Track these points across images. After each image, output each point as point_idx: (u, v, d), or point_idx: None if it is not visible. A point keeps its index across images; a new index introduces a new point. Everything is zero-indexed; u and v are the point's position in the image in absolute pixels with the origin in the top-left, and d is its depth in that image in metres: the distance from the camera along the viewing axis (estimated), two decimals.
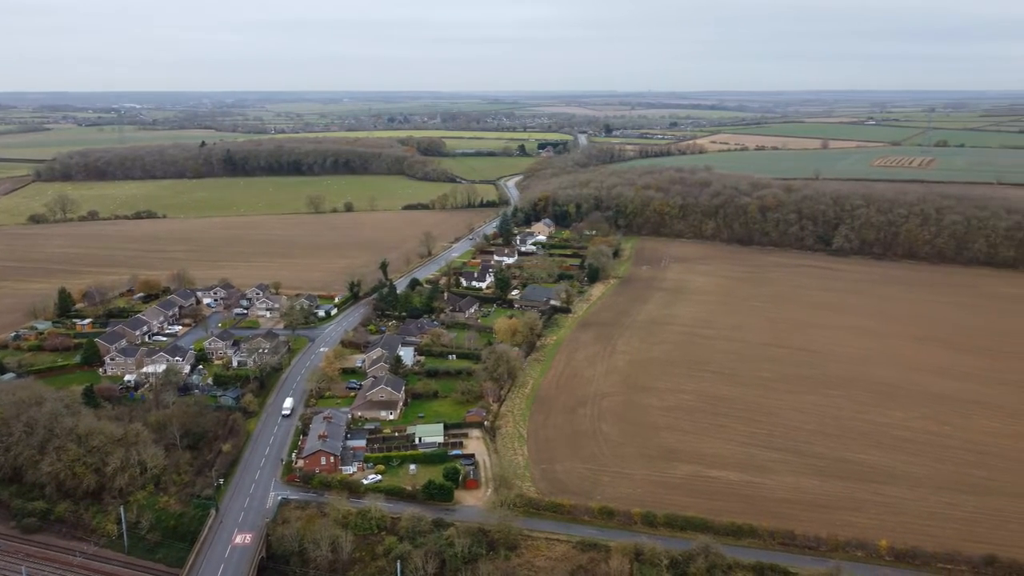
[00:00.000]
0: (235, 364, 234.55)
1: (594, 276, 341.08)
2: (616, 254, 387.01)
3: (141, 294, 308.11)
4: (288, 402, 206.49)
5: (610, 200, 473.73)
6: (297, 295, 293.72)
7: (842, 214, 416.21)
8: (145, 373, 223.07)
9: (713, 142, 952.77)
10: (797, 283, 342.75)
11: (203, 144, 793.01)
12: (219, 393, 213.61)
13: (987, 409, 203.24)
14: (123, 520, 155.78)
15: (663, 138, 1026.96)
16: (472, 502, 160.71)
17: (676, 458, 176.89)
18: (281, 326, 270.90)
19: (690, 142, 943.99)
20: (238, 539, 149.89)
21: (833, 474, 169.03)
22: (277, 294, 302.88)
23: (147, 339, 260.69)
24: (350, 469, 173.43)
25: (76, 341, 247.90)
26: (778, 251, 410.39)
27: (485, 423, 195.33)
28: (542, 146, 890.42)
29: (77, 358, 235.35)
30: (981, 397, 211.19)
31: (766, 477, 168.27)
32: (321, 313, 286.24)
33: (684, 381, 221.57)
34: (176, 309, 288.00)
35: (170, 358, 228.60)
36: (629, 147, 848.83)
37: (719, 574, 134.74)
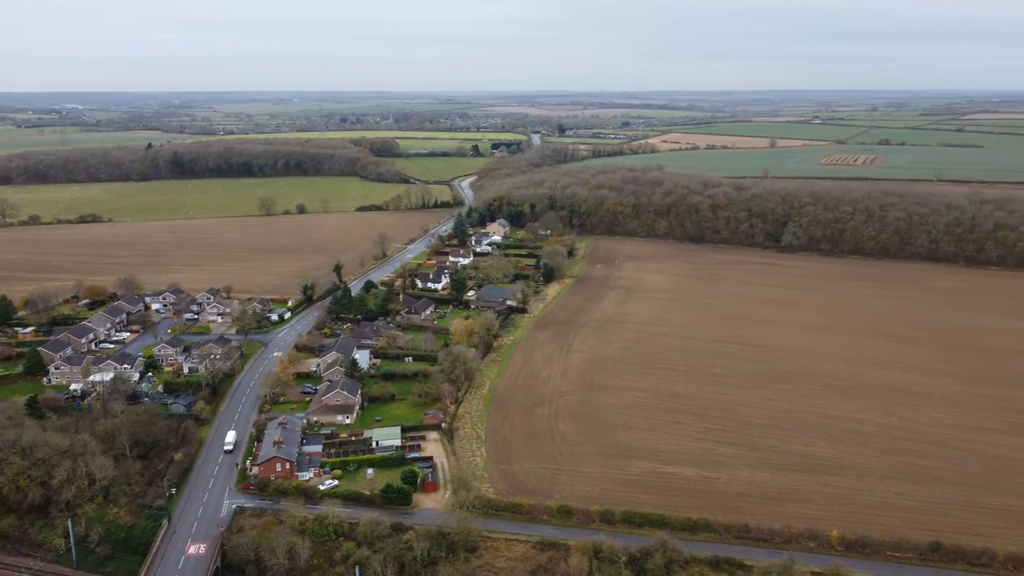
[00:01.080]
0: (186, 371, 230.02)
1: (549, 276, 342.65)
2: (571, 253, 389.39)
3: (87, 300, 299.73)
4: (230, 436, 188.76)
5: (564, 200, 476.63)
6: (249, 299, 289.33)
7: (790, 212, 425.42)
8: (92, 382, 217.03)
9: (664, 141, 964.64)
10: (748, 280, 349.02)
11: (149, 146, 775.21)
12: (170, 401, 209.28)
13: (931, 400, 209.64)
14: (71, 534, 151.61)
15: (616, 138, 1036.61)
16: (431, 505, 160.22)
17: (633, 455, 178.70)
18: (233, 331, 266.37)
19: (642, 141, 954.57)
20: (192, 549, 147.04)
21: (785, 467, 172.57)
22: (229, 298, 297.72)
23: (93, 347, 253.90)
24: (306, 475, 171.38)
25: (18, 350, 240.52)
26: (729, 249, 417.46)
27: (443, 425, 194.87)
28: (496, 146, 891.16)
29: (20, 368, 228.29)
30: (925, 389, 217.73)
31: (721, 472, 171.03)
32: (274, 317, 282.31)
33: (639, 379, 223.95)
34: (124, 315, 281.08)
35: (118, 366, 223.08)
36: (582, 147, 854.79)
37: (677, 569, 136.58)
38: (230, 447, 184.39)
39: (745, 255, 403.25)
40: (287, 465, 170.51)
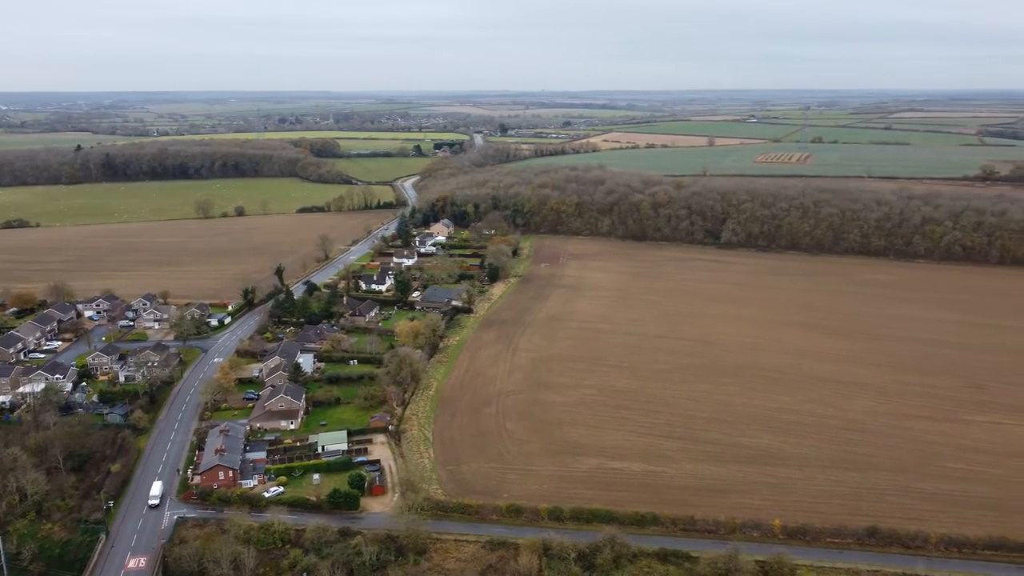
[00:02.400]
0: (122, 379, 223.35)
1: (494, 275, 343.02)
2: (515, 253, 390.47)
3: (14, 309, 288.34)
4: (156, 488, 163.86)
5: (508, 199, 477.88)
6: (188, 304, 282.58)
7: (729, 209, 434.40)
8: (22, 393, 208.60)
9: (605, 141, 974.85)
10: (689, 276, 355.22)
11: (79, 148, 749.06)
12: (106, 411, 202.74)
13: (864, 389, 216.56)
14: (2, 552, 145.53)
15: (557, 137, 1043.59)
16: (379, 508, 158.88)
17: (580, 452, 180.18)
18: (171, 337, 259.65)
19: (583, 141, 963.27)
20: (132, 563, 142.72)
21: (728, 459, 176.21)
22: (166, 304, 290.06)
23: (23, 357, 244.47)
24: (250, 483, 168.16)
25: None
26: (670, 246, 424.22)
27: (390, 427, 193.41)
28: (438, 146, 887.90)
29: None
30: (859, 379, 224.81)
31: (666, 466, 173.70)
32: (214, 322, 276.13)
33: (585, 376, 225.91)
34: (54, 324, 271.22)
35: (49, 376, 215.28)
36: (524, 146, 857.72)
37: (625, 563, 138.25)
38: (156, 501, 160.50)
39: (686, 252, 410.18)
40: (230, 473, 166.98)
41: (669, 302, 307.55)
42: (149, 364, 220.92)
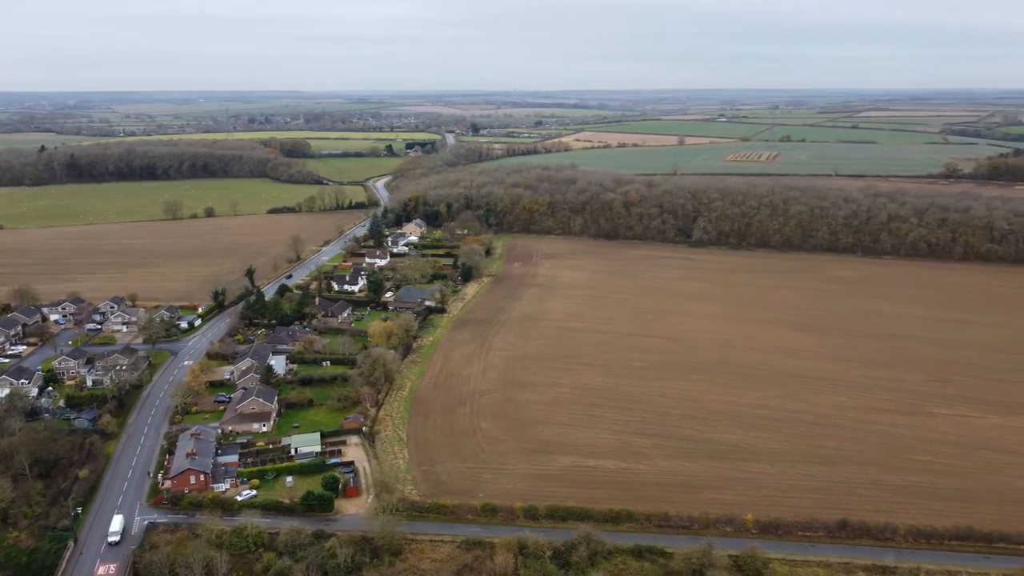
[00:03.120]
0: (90, 383, 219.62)
1: (468, 275, 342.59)
2: (488, 252, 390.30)
3: None
4: (116, 523, 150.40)
5: (480, 199, 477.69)
6: (156, 307, 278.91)
7: (700, 207, 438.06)
8: None
9: (577, 140, 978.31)
10: (661, 274, 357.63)
11: (43, 149, 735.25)
12: (73, 416, 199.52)
13: (834, 384, 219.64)
14: None
15: (529, 136, 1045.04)
16: (353, 510, 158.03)
17: (554, 450, 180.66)
18: (140, 340, 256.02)
19: (555, 140, 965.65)
20: (101, 570, 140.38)
21: (701, 455, 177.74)
22: (134, 307, 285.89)
23: None
24: (222, 486, 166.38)
25: None
26: (643, 244, 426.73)
27: (363, 429, 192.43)
28: (410, 146, 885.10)
29: None
30: (828, 374, 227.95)
31: (640, 463, 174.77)
32: (184, 325, 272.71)
33: (559, 374, 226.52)
34: (19, 328, 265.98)
35: (14, 381, 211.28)
36: (497, 146, 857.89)
37: (600, 560, 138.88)
38: (115, 538, 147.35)
39: (658, 250, 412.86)
40: (201, 477, 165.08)
41: (641, 300, 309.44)
42: (117, 368, 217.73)
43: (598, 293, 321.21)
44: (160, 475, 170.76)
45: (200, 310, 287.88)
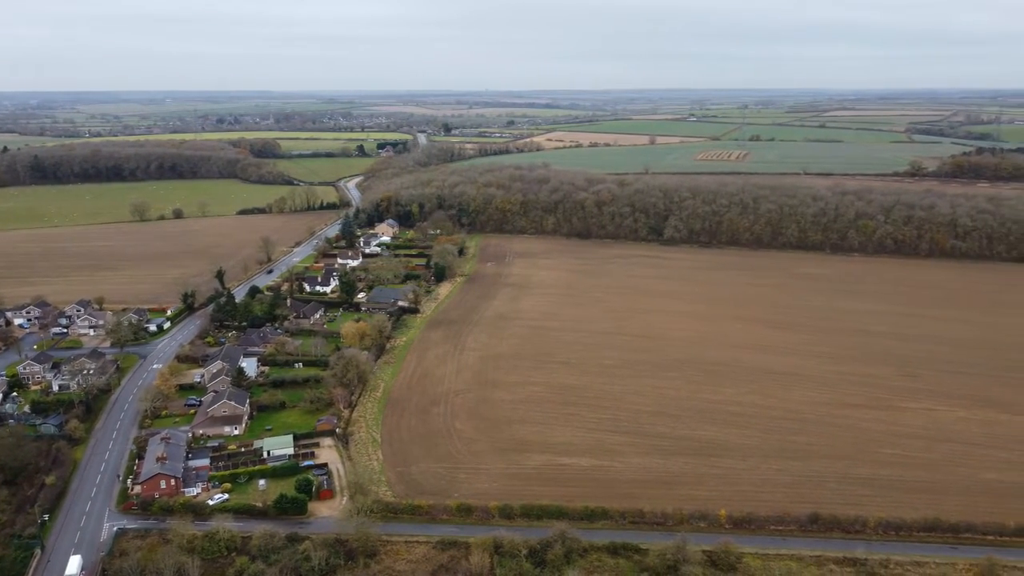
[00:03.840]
0: (56, 388, 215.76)
1: (441, 275, 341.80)
2: (461, 252, 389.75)
3: None
4: (73, 564, 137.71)
5: (453, 199, 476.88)
6: (124, 310, 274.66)
7: (671, 206, 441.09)
8: None
9: (549, 140, 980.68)
10: (634, 273, 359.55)
11: (5, 149, 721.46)
12: (39, 421, 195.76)
13: (804, 380, 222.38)
14: None
15: (501, 136, 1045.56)
16: (327, 512, 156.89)
17: (529, 449, 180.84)
18: (107, 344, 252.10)
19: (527, 140, 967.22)
20: None
21: (675, 452, 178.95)
22: (101, 310, 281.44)
23: None
24: (194, 491, 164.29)
25: None
26: (615, 243, 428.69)
27: (337, 430, 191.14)
28: (382, 146, 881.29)
29: None
30: (798, 370, 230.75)
31: (614, 460, 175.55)
32: (152, 328, 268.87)
33: (533, 373, 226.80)
34: None
35: None
36: (469, 146, 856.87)
37: (576, 558, 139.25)
38: None
39: (630, 249, 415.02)
40: (172, 481, 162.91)
41: (614, 299, 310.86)
42: (84, 372, 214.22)
43: (571, 292, 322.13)
44: (130, 480, 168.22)
45: (169, 313, 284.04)
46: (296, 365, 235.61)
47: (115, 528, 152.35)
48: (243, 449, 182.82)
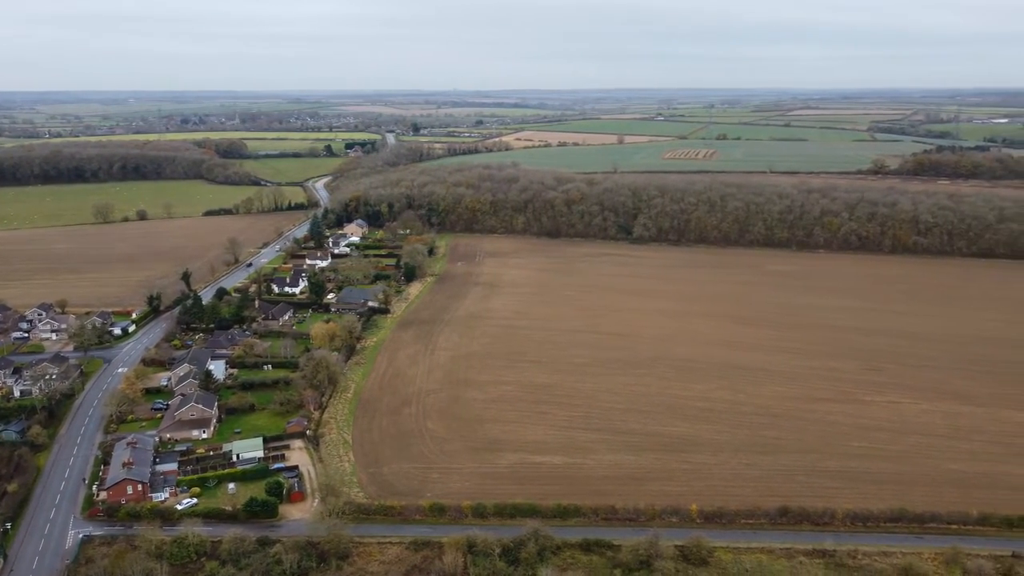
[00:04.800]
0: (17, 394, 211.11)
1: (411, 275, 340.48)
2: (431, 252, 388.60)
3: None
4: None
5: (422, 198, 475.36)
6: (88, 313, 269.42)
7: (640, 205, 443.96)
8: None
9: (518, 139, 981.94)
10: (604, 271, 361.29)
11: None
12: (0, 428, 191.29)
13: (773, 376, 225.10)
14: None
15: (470, 136, 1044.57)
16: (298, 515, 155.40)
17: (501, 448, 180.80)
18: (71, 348, 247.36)
19: (496, 139, 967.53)
20: None
21: (646, 448, 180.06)
22: (64, 313, 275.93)
23: None
24: (161, 495, 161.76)
25: None
26: (585, 242, 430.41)
27: (307, 432, 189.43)
28: (350, 146, 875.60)
29: None
30: (767, 365, 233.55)
31: (587, 457, 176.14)
32: (117, 331, 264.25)
33: (505, 372, 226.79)
34: None
35: None
36: (438, 145, 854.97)
37: (549, 555, 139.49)
38: None
39: (600, 247, 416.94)
40: (139, 487, 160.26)
41: (585, 297, 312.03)
42: (46, 377, 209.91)
43: (542, 291, 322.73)
44: (95, 486, 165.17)
45: (134, 316, 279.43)
46: (265, 367, 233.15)
47: (81, 535, 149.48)
48: (212, 453, 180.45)
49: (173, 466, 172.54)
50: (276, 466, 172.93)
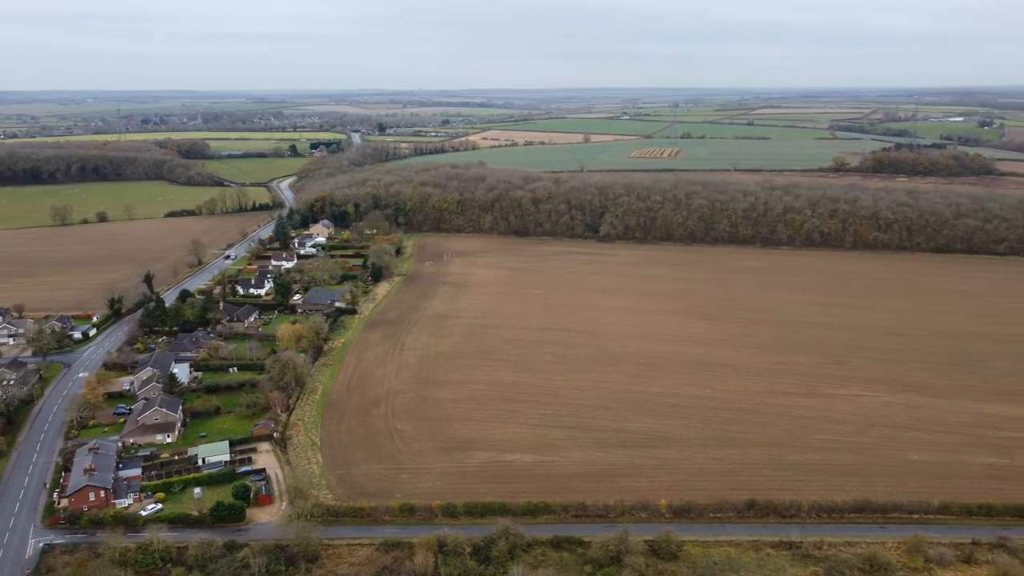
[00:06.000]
0: None
1: (378, 275, 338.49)
2: (399, 252, 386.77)
3: None
4: None
5: (389, 198, 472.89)
6: (47, 317, 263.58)
7: (607, 203, 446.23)
8: None
9: (485, 138, 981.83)
10: (571, 269, 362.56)
11: None
12: None
13: (737, 370, 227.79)
14: None
15: (437, 135, 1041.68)
16: (266, 518, 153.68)
17: (471, 447, 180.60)
18: (29, 353, 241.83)
19: (463, 139, 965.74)
20: None
21: (615, 444, 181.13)
22: (21, 318, 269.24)
23: None
24: (125, 502, 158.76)
25: None
26: (552, 240, 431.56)
27: (275, 435, 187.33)
28: (315, 146, 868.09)
29: None
30: (732, 360, 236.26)
31: (556, 455, 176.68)
32: (78, 335, 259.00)
33: (473, 371, 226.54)
34: None
35: None
36: (404, 145, 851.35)
37: (520, 553, 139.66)
38: None
39: (567, 246, 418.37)
40: (101, 493, 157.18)
41: (553, 295, 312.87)
42: (4, 382, 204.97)
43: (510, 289, 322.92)
44: (56, 493, 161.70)
45: (95, 319, 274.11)
46: (231, 370, 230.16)
47: (41, 544, 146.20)
48: (177, 457, 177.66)
49: (137, 471, 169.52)
50: (243, 469, 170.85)
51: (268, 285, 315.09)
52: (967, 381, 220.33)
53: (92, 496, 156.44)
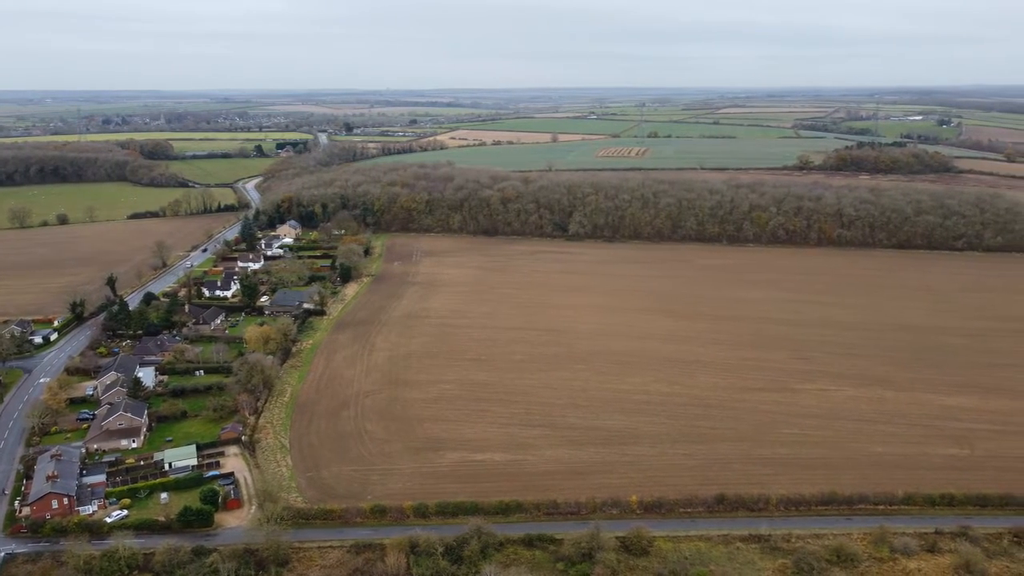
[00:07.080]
0: None
1: (346, 276, 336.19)
2: (367, 252, 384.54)
3: None
4: None
5: (357, 198, 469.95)
6: (6, 321, 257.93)
7: (575, 202, 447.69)
8: None
9: (453, 138, 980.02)
10: (540, 268, 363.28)
11: None
12: None
13: (706, 367, 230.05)
14: None
15: (404, 135, 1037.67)
16: (235, 523, 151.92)
17: (442, 447, 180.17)
18: None
19: (431, 138, 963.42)
20: None
21: (586, 442, 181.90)
22: None
23: None
24: (89, 508, 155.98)
25: None
26: (521, 239, 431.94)
27: (243, 438, 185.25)
28: (281, 146, 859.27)
29: None
30: (700, 357, 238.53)
31: (527, 453, 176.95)
32: (38, 340, 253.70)
33: (443, 371, 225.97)
34: None
35: None
36: (371, 145, 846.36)
37: (492, 552, 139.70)
38: None
39: (536, 245, 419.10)
40: (65, 500, 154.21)
41: (522, 294, 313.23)
42: None
43: (479, 289, 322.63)
44: (17, 502, 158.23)
45: (56, 323, 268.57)
46: (197, 373, 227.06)
47: (2, 553, 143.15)
48: (142, 462, 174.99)
49: (101, 478, 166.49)
50: (211, 474, 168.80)
51: (235, 287, 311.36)
52: (929, 374, 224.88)
53: (55, 503, 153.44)
